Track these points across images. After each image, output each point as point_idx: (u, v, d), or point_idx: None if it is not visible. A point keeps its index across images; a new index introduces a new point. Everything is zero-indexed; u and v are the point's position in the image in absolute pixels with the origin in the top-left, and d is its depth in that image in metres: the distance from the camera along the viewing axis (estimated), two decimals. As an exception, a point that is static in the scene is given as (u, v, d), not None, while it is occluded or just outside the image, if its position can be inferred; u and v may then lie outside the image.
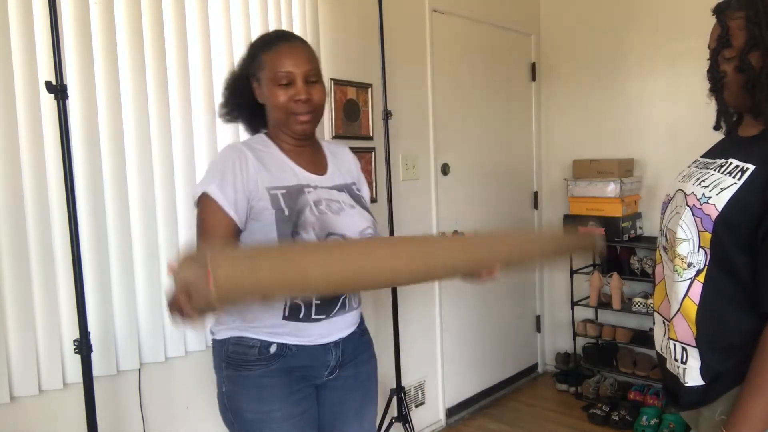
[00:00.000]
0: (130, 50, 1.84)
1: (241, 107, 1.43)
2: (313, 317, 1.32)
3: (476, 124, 3.17)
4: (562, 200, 3.46)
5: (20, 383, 1.65)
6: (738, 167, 1.11)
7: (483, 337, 3.28)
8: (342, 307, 1.37)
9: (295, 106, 1.32)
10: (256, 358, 1.31)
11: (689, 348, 1.16)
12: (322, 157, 1.45)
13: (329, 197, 1.35)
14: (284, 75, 1.30)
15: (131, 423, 1.87)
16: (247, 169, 1.29)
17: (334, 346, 1.38)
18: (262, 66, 1.33)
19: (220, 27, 2.05)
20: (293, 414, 1.33)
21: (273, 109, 1.35)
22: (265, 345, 1.31)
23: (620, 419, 2.89)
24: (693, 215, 1.14)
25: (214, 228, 1.27)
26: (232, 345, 1.34)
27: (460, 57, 3.03)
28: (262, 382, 1.31)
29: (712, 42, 1.17)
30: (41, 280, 1.67)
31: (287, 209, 1.27)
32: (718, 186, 1.12)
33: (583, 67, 3.41)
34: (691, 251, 1.14)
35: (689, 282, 1.14)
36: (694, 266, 1.14)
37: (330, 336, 1.36)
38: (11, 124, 1.61)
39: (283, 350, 1.32)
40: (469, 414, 3.17)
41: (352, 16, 2.50)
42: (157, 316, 1.92)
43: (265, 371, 1.31)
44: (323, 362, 1.37)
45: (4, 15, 1.59)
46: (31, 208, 1.66)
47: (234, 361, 1.33)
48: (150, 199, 1.89)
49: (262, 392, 1.31)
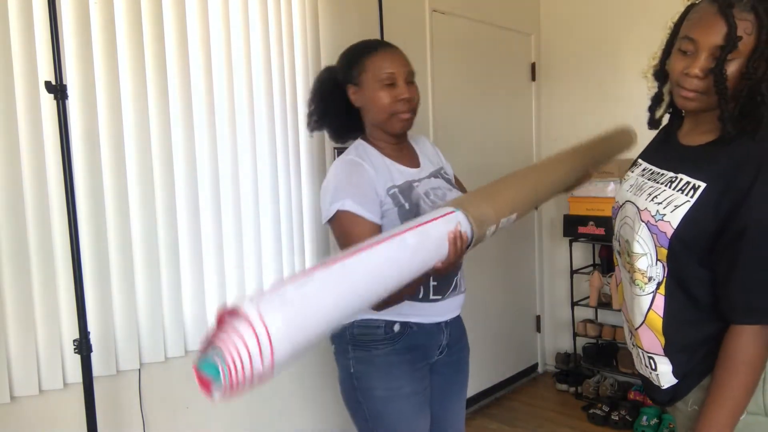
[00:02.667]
0: (130, 50, 1.84)
1: (330, 114, 1.52)
2: (431, 297, 1.46)
3: (476, 123, 3.17)
4: (562, 200, 3.45)
5: (20, 383, 1.65)
6: (689, 184, 1.12)
7: (483, 337, 3.27)
8: (455, 289, 1.52)
9: (398, 105, 1.43)
10: (383, 337, 1.44)
11: (657, 356, 1.19)
12: (412, 152, 1.58)
13: (432, 186, 1.50)
14: (388, 76, 1.42)
15: (131, 423, 1.87)
16: (368, 176, 1.41)
17: (446, 326, 1.53)
18: (364, 69, 1.44)
19: (220, 27, 2.05)
20: (418, 390, 1.47)
21: (375, 111, 1.46)
22: (390, 324, 1.44)
23: (620, 419, 2.89)
24: (649, 231, 1.15)
25: (360, 237, 1.29)
26: (357, 328, 1.46)
27: (460, 57, 3.03)
28: (390, 360, 1.44)
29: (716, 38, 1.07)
30: (41, 280, 1.67)
31: (407, 204, 1.42)
32: (671, 203, 1.13)
33: (583, 67, 3.40)
34: (650, 265, 1.16)
35: (652, 296, 1.17)
36: (654, 279, 1.16)
37: (444, 315, 1.51)
38: (11, 124, 1.61)
39: (405, 329, 1.45)
40: (469, 414, 3.16)
41: (352, 17, 2.50)
42: (157, 316, 1.92)
43: (392, 350, 1.44)
44: (437, 341, 1.52)
45: (4, 15, 1.59)
46: (31, 208, 1.66)
47: (362, 342, 1.46)
48: (150, 199, 1.89)
49: (390, 369, 1.44)
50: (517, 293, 3.54)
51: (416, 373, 1.47)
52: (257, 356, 0.79)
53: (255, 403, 2.21)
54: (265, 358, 0.79)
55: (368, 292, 1.01)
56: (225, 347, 0.79)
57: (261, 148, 2.18)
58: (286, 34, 2.24)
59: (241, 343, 0.78)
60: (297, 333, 0.86)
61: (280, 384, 2.27)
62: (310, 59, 2.32)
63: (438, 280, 1.46)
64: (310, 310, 0.90)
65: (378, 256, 1.06)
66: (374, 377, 1.45)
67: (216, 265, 2.06)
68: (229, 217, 2.09)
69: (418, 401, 1.47)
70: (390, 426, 1.46)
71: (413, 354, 1.47)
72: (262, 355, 0.79)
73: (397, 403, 1.45)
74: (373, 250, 1.05)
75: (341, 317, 0.97)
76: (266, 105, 2.18)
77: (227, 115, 2.07)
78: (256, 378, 0.80)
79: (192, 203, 1.99)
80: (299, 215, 2.31)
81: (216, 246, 2.06)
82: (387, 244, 1.08)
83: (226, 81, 2.06)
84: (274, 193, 2.21)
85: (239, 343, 0.79)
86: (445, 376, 1.58)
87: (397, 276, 1.08)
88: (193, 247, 2.00)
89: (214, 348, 0.80)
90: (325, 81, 1.54)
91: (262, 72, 2.17)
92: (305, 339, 0.87)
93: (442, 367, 1.57)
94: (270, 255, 2.21)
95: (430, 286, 1.45)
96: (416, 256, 1.12)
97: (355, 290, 0.99)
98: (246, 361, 0.78)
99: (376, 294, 1.03)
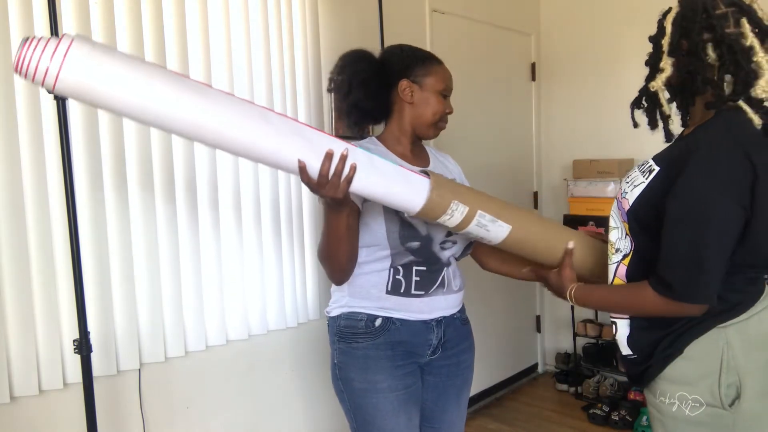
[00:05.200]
0: (130, 50, 1.83)
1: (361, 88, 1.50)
2: (413, 292, 1.47)
3: (476, 123, 3.17)
4: (562, 200, 3.46)
5: (20, 383, 1.65)
6: (649, 166, 1.23)
7: (483, 337, 3.25)
8: (441, 286, 1.51)
9: (444, 116, 1.54)
10: (364, 331, 1.47)
11: (618, 320, 1.30)
12: (425, 157, 1.61)
13: None
14: (446, 87, 1.52)
15: (131, 423, 1.88)
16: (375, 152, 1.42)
17: (436, 325, 1.52)
18: (430, 73, 1.50)
19: (220, 27, 2.05)
20: (397, 387, 1.47)
21: (424, 113, 1.51)
22: (371, 319, 1.47)
23: (620, 419, 2.89)
24: (618, 207, 1.29)
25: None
26: (343, 320, 1.50)
27: (460, 57, 3.03)
28: (368, 354, 1.46)
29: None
30: (41, 280, 1.68)
31: None
32: (632, 183, 1.25)
33: (583, 67, 3.41)
34: (619, 238, 1.29)
35: (616, 265, 1.29)
36: (621, 251, 1.29)
37: (430, 313, 1.50)
38: (11, 125, 1.61)
39: (387, 324, 1.47)
40: (469, 414, 3.14)
41: (352, 17, 2.50)
42: (157, 316, 1.92)
43: (371, 344, 1.46)
44: (425, 340, 1.51)
45: (4, 15, 1.59)
46: (32, 209, 1.66)
47: (345, 334, 1.49)
48: (150, 198, 1.89)
49: (368, 363, 1.46)
50: (517, 293, 3.54)
51: (397, 370, 1.47)
52: (49, 52, 0.98)
53: (255, 403, 2.21)
54: (54, 59, 0.98)
55: (192, 114, 1.08)
56: (34, 40, 1.00)
57: (261, 148, 2.18)
58: (286, 34, 2.24)
59: (45, 43, 0.99)
60: (94, 69, 1.01)
61: (280, 384, 2.28)
62: (310, 59, 2.32)
63: (420, 274, 1.46)
64: (121, 68, 1.03)
65: (237, 105, 1.12)
66: (352, 369, 1.48)
67: (216, 265, 2.06)
68: (229, 217, 2.10)
69: (397, 398, 1.46)
70: (367, 419, 1.48)
71: (395, 351, 1.47)
72: (54, 54, 0.98)
73: (373, 397, 1.46)
74: (234, 99, 1.13)
75: (143, 106, 1.05)
76: (266, 105, 2.18)
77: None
78: (38, 63, 0.98)
79: (192, 203, 1.99)
80: (299, 215, 2.31)
81: (216, 246, 2.06)
82: (251, 105, 1.14)
83: (226, 80, 2.06)
84: (274, 193, 2.21)
85: (45, 43, 0.99)
86: (442, 377, 1.57)
87: (243, 138, 1.11)
88: (193, 246, 2.00)
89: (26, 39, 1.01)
90: (367, 59, 1.51)
91: (263, 71, 2.17)
92: (97, 82, 1.01)
93: (439, 368, 1.56)
94: (270, 255, 2.21)
95: (412, 280, 1.46)
96: (277, 137, 1.14)
97: (180, 100, 1.06)
98: (38, 50, 0.98)
99: (196, 128, 1.09)
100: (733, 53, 1.13)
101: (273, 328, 2.24)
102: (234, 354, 2.14)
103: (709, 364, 1.17)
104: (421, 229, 1.43)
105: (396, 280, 1.45)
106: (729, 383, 1.16)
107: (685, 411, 1.18)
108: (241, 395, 2.17)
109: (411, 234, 1.42)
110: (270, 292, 2.23)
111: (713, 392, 1.16)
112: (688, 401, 1.18)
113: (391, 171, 1.25)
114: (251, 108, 1.14)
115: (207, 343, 2.05)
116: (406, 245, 1.42)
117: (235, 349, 2.14)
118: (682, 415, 1.19)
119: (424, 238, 1.44)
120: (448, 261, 1.51)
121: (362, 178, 1.21)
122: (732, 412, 1.16)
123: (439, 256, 1.48)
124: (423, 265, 1.46)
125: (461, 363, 1.61)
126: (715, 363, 1.16)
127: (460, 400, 1.63)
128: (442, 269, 1.50)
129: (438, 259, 1.48)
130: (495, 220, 1.33)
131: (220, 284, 2.08)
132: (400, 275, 1.45)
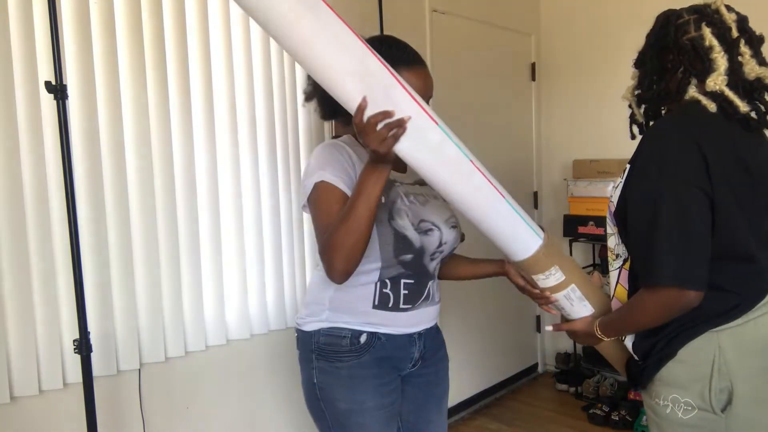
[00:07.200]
0: (129, 50, 1.84)
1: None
2: (401, 306, 1.40)
3: (476, 124, 3.17)
4: (562, 200, 3.45)
5: (20, 383, 1.65)
6: (626, 167, 1.25)
7: (483, 337, 3.28)
8: (426, 298, 1.45)
9: None
10: (348, 348, 1.38)
11: None
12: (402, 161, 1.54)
13: (414, 191, 1.45)
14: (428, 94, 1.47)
15: (131, 423, 1.88)
16: (350, 160, 1.37)
17: (418, 338, 1.46)
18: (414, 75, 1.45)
19: (219, 27, 2.05)
20: (384, 404, 1.41)
21: None
22: (356, 335, 1.38)
23: (620, 419, 2.89)
24: (610, 213, 1.30)
25: (329, 207, 1.30)
26: (323, 336, 1.40)
27: (460, 57, 3.03)
28: (353, 373, 1.38)
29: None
30: (41, 280, 1.67)
31: (383, 197, 1.35)
32: (616, 186, 1.27)
33: (583, 67, 3.40)
34: (617, 243, 1.29)
35: (618, 271, 1.30)
36: (621, 256, 1.29)
37: (416, 326, 1.45)
38: (11, 124, 1.61)
39: (372, 340, 1.39)
40: (469, 414, 3.17)
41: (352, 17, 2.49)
42: (157, 316, 1.92)
43: (356, 362, 1.38)
44: (409, 353, 1.45)
45: (4, 15, 1.59)
46: (31, 208, 1.66)
47: (326, 352, 1.39)
48: (150, 198, 1.89)
49: (354, 383, 1.38)
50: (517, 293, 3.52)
51: (383, 387, 1.41)
52: None
53: (255, 403, 2.21)
54: None
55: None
56: None
57: (261, 147, 2.18)
58: (286, 34, 2.23)
59: None
60: None
61: (280, 384, 2.28)
62: (310, 59, 2.31)
63: (409, 287, 1.40)
64: None
65: (346, 35, 1.15)
66: (337, 389, 1.39)
67: (216, 265, 2.06)
68: (228, 216, 2.10)
69: (382, 415, 1.41)
70: None
71: (381, 368, 1.40)
72: None
73: (359, 416, 1.39)
74: (346, 29, 1.15)
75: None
76: (266, 104, 2.18)
77: (227, 115, 2.07)
78: None
79: (191, 203, 1.99)
80: (299, 215, 2.31)
81: (216, 246, 2.06)
82: (357, 39, 1.16)
83: (225, 80, 2.06)
84: (273, 193, 2.21)
85: None
86: (422, 387, 1.52)
87: (324, 54, 1.12)
88: (193, 247, 2.00)
89: None
90: None
91: (262, 71, 2.17)
92: None
93: (418, 378, 1.51)
94: (270, 254, 2.21)
95: (400, 294, 1.40)
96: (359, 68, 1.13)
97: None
98: None
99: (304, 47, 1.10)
100: (694, 52, 1.20)
101: (273, 328, 2.24)
102: (234, 354, 2.14)
103: (700, 368, 1.17)
104: (416, 242, 1.38)
105: (383, 293, 1.38)
106: (720, 388, 1.15)
107: (678, 413, 1.19)
108: (241, 395, 2.17)
109: (405, 247, 1.36)
110: (270, 292, 2.23)
111: (704, 396, 1.16)
112: (681, 404, 1.18)
113: (510, 214, 1.36)
114: (355, 42, 1.15)
115: (207, 343, 2.05)
116: (399, 258, 1.36)
117: (235, 349, 2.14)
118: (676, 418, 1.19)
119: (418, 251, 1.38)
120: (434, 273, 1.47)
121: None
122: (724, 417, 1.16)
123: (428, 268, 1.44)
124: (412, 277, 1.40)
125: (439, 371, 1.56)
126: (707, 367, 1.16)
127: (441, 408, 1.59)
128: (428, 281, 1.45)
129: (427, 271, 1.44)
130: (583, 300, 1.36)
131: (220, 284, 2.08)
132: (388, 288, 1.38)
